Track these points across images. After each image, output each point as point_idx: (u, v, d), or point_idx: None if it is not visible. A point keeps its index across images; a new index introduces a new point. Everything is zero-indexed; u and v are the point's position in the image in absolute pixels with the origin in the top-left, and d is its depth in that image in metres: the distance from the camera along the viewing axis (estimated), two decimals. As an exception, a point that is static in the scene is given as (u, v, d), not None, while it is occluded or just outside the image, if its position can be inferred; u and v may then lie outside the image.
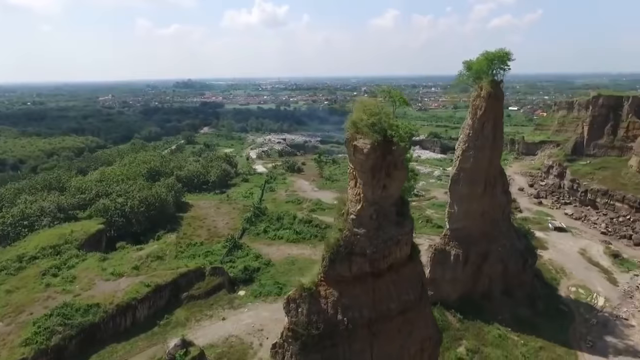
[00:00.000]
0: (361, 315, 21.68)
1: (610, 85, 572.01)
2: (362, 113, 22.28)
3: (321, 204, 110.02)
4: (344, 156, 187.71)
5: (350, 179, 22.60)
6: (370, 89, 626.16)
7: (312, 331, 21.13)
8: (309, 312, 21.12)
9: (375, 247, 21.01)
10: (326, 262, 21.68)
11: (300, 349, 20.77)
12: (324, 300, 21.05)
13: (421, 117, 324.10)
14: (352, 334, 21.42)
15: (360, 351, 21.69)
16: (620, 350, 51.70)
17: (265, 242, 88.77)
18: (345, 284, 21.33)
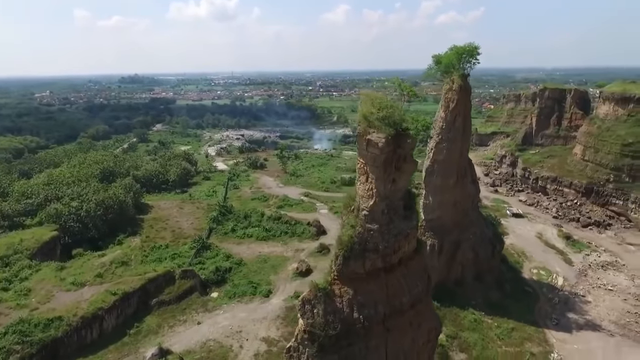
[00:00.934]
0: (376, 311, 21.49)
1: (547, 79, 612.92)
2: (371, 106, 21.94)
3: (288, 200, 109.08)
4: (306, 151, 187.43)
5: (360, 174, 22.17)
6: (324, 84, 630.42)
7: (329, 332, 20.63)
8: (325, 312, 20.56)
9: (387, 242, 20.83)
10: (340, 260, 21.17)
11: (317, 351, 20.22)
12: (339, 299, 20.58)
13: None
14: (368, 332, 21.21)
15: (376, 348, 21.52)
16: (582, 325, 55.75)
17: (235, 241, 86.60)
18: (359, 281, 21.00)
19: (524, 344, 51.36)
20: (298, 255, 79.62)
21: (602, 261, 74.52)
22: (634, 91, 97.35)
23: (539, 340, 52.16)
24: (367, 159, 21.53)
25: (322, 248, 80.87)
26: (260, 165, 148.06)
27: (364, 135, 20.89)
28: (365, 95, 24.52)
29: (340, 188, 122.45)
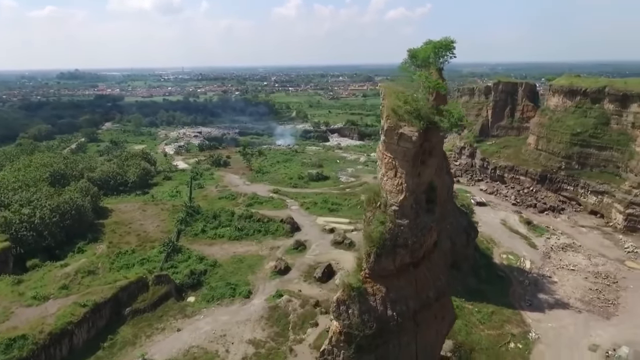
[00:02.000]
0: (407, 307, 21.26)
1: (491, 73, 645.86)
2: (397, 100, 21.52)
3: (257, 197, 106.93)
4: (269, 147, 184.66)
5: (387, 169, 21.69)
6: (279, 79, 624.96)
7: (366, 331, 20.12)
8: (360, 312, 19.99)
9: (415, 237, 20.62)
10: (373, 258, 20.67)
11: (355, 351, 19.67)
12: (372, 297, 20.10)
13: (335, 106, 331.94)
14: (401, 328, 20.96)
15: (407, 344, 21.32)
16: (553, 305, 59.41)
17: (206, 242, 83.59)
18: (390, 278, 20.65)
19: (504, 326, 53.92)
20: (274, 254, 78.30)
21: (561, 243, 79.85)
22: (580, 84, 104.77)
23: (517, 322, 54.99)
24: (397, 153, 21.13)
25: (298, 245, 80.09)
26: (224, 163, 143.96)
27: (395, 129, 20.44)
28: (388, 88, 24.05)
29: (308, 184, 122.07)
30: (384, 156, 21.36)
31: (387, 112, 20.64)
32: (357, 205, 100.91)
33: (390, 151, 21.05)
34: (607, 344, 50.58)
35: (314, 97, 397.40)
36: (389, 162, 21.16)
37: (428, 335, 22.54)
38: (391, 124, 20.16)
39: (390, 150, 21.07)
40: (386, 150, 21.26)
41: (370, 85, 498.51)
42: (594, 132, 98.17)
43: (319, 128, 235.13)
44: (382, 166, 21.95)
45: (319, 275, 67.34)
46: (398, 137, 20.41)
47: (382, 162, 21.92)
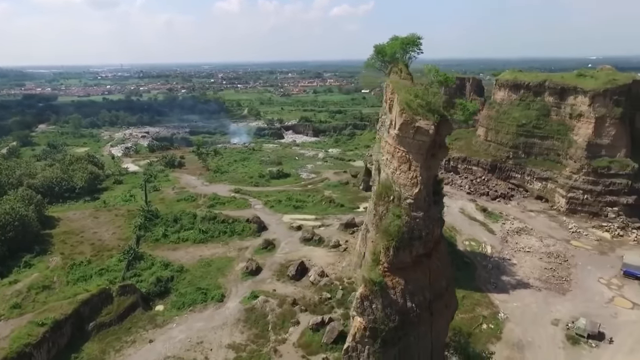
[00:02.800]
0: (424, 297, 21.55)
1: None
2: (408, 94, 21.57)
3: (219, 198, 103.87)
4: (224, 146, 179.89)
5: (401, 163, 21.69)
6: (227, 76, 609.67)
7: (390, 325, 20.10)
8: (383, 306, 19.89)
9: (427, 229, 20.94)
10: (392, 252, 20.63)
11: (380, 346, 19.55)
12: (392, 291, 20.09)
13: (286, 103, 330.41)
14: (420, 319, 21.24)
15: (424, 334, 21.63)
16: (515, 285, 63.42)
17: (169, 247, 79.91)
18: (407, 271, 20.79)
19: (475, 309, 56.75)
20: (243, 254, 76.55)
21: (515, 228, 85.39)
22: (523, 79, 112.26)
23: (486, 304, 58.10)
24: (412, 147, 21.25)
25: (267, 244, 78.85)
26: (179, 164, 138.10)
27: (411, 123, 20.49)
28: (396, 82, 24.06)
29: (269, 182, 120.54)
30: (397, 150, 21.44)
31: (401, 107, 20.67)
32: (321, 202, 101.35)
33: (404, 145, 21.17)
34: (566, 318, 54.94)
35: (265, 94, 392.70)
36: (402, 156, 21.28)
37: (440, 323, 23.15)
38: (407, 118, 20.24)
39: (404, 144, 21.18)
40: (399, 145, 21.35)
41: (320, 82, 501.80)
42: (537, 123, 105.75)
43: (273, 125, 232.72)
44: (392, 160, 22.02)
45: (293, 273, 66.76)
46: (414, 130, 20.57)
47: (393, 156, 21.99)
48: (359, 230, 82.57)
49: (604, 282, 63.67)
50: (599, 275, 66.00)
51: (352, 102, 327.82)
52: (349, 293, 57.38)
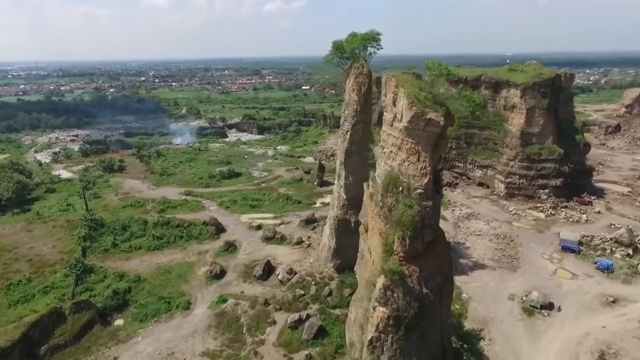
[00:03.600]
0: (436, 283, 22.26)
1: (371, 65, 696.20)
2: (415, 88, 22.02)
3: (169, 202, 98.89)
4: (167, 147, 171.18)
5: (410, 154, 22.10)
6: (159, 73, 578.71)
7: (411, 312, 20.50)
8: (404, 294, 20.22)
9: (434, 217, 21.68)
10: (407, 242, 20.99)
11: (404, 333, 19.85)
12: (409, 279, 20.49)
13: (227, 100, 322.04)
14: (432, 304, 21.94)
15: (435, 318, 22.38)
16: (472, 267, 67.80)
17: (121, 256, 74.87)
18: (420, 258, 21.32)
19: (440, 292, 59.80)
20: (204, 258, 73.88)
21: (464, 213, 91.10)
22: (462, 73, 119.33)
23: (450, 286, 61.49)
24: (421, 138, 21.79)
25: (228, 246, 76.70)
26: (119, 168, 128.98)
27: (422, 116, 20.97)
28: (399, 76, 24.42)
29: (220, 182, 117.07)
30: (405, 142, 21.94)
31: (410, 100, 21.13)
32: (278, 200, 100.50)
33: (413, 137, 21.72)
34: (520, 292, 59.88)
35: (202, 92, 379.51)
36: (411, 148, 21.82)
37: (446, 306, 24.20)
38: (418, 111, 20.76)
39: (412, 136, 21.73)
40: (407, 137, 21.86)
41: (259, 79, 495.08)
42: (476, 115, 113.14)
43: (215, 124, 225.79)
44: (399, 152, 22.48)
45: (260, 273, 65.66)
46: (425, 122, 21.15)
47: (399, 148, 22.46)
48: (320, 226, 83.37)
49: (546, 257, 70.25)
50: (541, 251, 72.66)
51: (294, 98, 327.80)
52: (322, 288, 57.76)
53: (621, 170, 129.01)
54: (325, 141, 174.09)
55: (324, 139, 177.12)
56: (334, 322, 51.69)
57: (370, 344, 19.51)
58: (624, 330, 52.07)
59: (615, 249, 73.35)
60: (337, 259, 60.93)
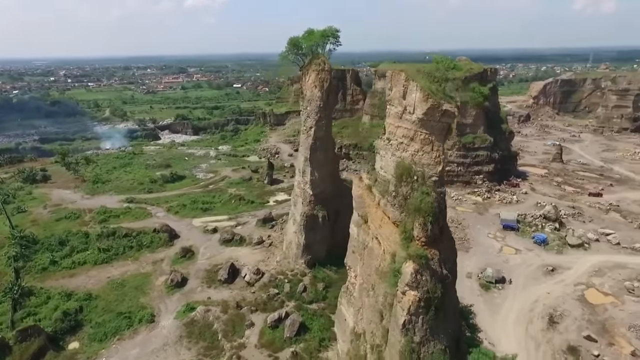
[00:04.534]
0: (452, 264, 23.51)
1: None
2: (427, 82, 22.81)
3: (110, 211, 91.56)
4: (95, 152, 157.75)
5: (424, 144, 22.89)
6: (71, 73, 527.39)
7: (438, 293, 21.44)
8: (431, 277, 21.05)
9: (445, 202, 22.85)
10: (429, 227, 21.83)
11: (433, 313, 20.72)
12: (432, 262, 21.45)
13: (154, 101, 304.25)
14: (450, 283, 23.17)
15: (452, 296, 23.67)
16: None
17: (65, 274, 68.26)
18: (437, 242, 22.33)
19: (406, 277, 62.78)
20: (160, 267, 69.96)
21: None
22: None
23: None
24: (436, 129, 22.76)
25: (185, 252, 73.34)
26: (43, 178, 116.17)
27: (438, 107, 21.88)
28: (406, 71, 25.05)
29: (164, 186, 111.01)
30: (419, 133, 22.84)
31: (425, 93, 22.00)
32: (230, 201, 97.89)
33: (427, 128, 22.70)
34: (475, 270, 64.98)
35: (125, 92, 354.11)
36: (425, 138, 22.79)
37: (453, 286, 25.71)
38: (434, 103, 21.72)
39: (427, 127, 22.69)
40: (421, 128, 22.77)
41: (186, 78, 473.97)
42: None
43: (145, 126, 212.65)
44: (412, 143, 23.33)
45: (225, 277, 63.76)
46: (441, 114, 22.19)
47: (412, 139, 23.32)
48: (279, 224, 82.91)
49: (491, 237, 76.91)
50: (486, 232, 79.33)
51: (226, 97, 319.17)
52: (296, 285, 57.68)
53: (537, 154, 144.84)
54: (267, 139, 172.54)
55: (265, 137, 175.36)
56: (312, 317, 52.06)
57: (403, 326, 20.33)
58: (564, 294, 59.02)
59: (544, 224, 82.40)
60: (308, 254, 61.24)
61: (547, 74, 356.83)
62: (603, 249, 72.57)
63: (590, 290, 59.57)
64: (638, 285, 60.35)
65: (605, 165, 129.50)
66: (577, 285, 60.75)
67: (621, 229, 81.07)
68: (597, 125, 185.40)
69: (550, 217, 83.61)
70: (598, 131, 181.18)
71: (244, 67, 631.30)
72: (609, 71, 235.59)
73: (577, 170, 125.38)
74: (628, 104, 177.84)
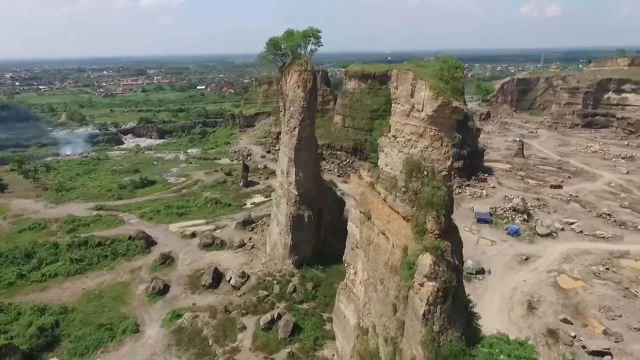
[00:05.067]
0: (460, 254, 24.35)
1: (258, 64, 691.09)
2: (437, 80, 23.43)
3: (79, 219, 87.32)
4: (55, 159, 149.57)
5: (433, 141, 23.50)
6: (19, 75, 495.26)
7: (455, 283, 22.08)
8: (447, 267, 21.69)
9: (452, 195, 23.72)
10: (442, 219, 22.48)
11: (451, 302, 21.35)
12: (445, 253, 22.16)
13: (114, 104, 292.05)
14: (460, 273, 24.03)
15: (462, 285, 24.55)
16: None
17: (34, 288, 64.50)
18: (448, 234, 23.07)
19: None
20: (139, 275, 67.61)
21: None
22: (370, 70, 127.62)
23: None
24: (445, 125, 23.49)
25: (164, 258, 71.18)
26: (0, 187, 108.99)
27: (448, 104, 22.61)
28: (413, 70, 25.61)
29: (134, 192, 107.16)
30: (428, 130, 23.52)
31: (435, 91, 22.71)
32: (206, 204, 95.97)
33: (436, 124, 23.42)
34: (455, 263, 67.39)
35: (81, 95, 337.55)
36: (434, 135, 23.52)
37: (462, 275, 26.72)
38: (444, 100, 22.47)
39: (436, 123, 23.41)
40: (431, 125, 23.46)
41: (146, 80, 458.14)
42: (386, 107, 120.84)
43: (107, 130, 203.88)
44: (421, 140, 23.88)
45: (209, 281, 62.51)
46: (451, 111, 22.98)
47: (421, 136, 23.91)
48: (259, 226, 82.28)
49: (467, 230, 79.88)
50: (462, 225, 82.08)
51: (191, 99, 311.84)
52: (285, 286, 57.44)
53: (500, 150, 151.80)
54: (238, 141, 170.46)
55: (235, 139, 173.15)
56: (304, 317, 52.13)
57: (423, 317, 21.00)
58: (539, 280, 62.45)
59: (514, 216, 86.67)
60: (295, 255, 61.18)
61: (503, 73, 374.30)
62: (569, 237, 77.29)
63: (562, 276, 63.35)
64: (603, 269, 64.87)
65: (562, 159, 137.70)
66: (550, 272, 64.42)
67: (582, 218, 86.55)
68: (551, 122, 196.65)
69: (519, 209, 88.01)
70: (553, 127, 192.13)
71: (205, 69, 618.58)
72: (559, 71, 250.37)
73: (538, 164, 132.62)
74: (578, 101, 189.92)
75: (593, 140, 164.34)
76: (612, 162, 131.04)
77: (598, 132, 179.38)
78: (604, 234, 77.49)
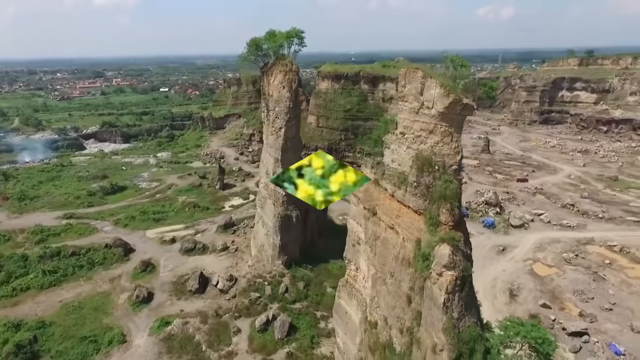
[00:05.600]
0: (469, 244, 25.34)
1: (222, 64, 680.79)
2: (445, 79, 24.22)
3: (47, 229, 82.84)
4: (13, 167, 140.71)
5: (444, 137, 24.21)
6: None
7: (470, 271, 23.01)
8: (463, 257, 22.54)
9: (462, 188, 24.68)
10: (456, 211, 23.33)
11: (467, 290, 22.27)
12: (460, 243, 23.03)
13: (72, 108, 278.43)
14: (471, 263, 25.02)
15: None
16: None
17: (5, 303, 60.94)
18: (459, 225, 24.01)
19: (377, 269, 65.36)
20: (119, 284, 65.29)
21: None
22: (342, 70, 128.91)
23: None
24: (454, 121, 24.31)
25: (145, 265, 69.03)
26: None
27: (459, 101, 23.45)
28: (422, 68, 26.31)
29: (104, 199, 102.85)
30: (439, 126, 24.34)
31: (446, 89, 23.54)
32: (184, 209, 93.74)
33: (447, 121, 24.28)
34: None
35: (34, 99, 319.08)
36: (445, 131, 24.36)
37: (471, 264, 28.11)
38: (455, 98, 23.34)
39: (446, 120, 24.26)
40: (441, 121, 24.29)
41: (104, 82, 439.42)
42: (359, 108, 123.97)
43: (67, 135, 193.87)
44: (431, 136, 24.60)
45: (196, 287, 61.30)
46: (462, 107, 23.90)
47: (432, 132, 24.64)
48: (242, 228, 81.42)
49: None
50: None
51: (154, 101, 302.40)
52: (277, 287, 57.18)
53: (467, 147, 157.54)
54: (209, 144, 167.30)
55: (206, 142, 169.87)
56: (298, 317, 52.20)
57: (444, 305, 21.88)
58: (516, 269, 65.74)
59: (487, 209, 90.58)
60: (284, 255, 61.04)
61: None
62: (539, 227, 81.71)
63: (537, 264, 66.99)
64: (573, 255, 69.16)
65: (524, 154, 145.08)
66: (526, 261, 67.94)
67: (548, 209, 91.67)
68: (512, 119, 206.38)
69: (491, 202, 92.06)
70: (513, 124, 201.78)
71: (167, 70, 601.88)
72: (517, 70, 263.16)
73: (503, 159, 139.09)
74: (535, 99, 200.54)
75: (551, 135, 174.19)
76: (570, 156, 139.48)
77: (554, 128, 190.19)
78: (569, 223, 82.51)
